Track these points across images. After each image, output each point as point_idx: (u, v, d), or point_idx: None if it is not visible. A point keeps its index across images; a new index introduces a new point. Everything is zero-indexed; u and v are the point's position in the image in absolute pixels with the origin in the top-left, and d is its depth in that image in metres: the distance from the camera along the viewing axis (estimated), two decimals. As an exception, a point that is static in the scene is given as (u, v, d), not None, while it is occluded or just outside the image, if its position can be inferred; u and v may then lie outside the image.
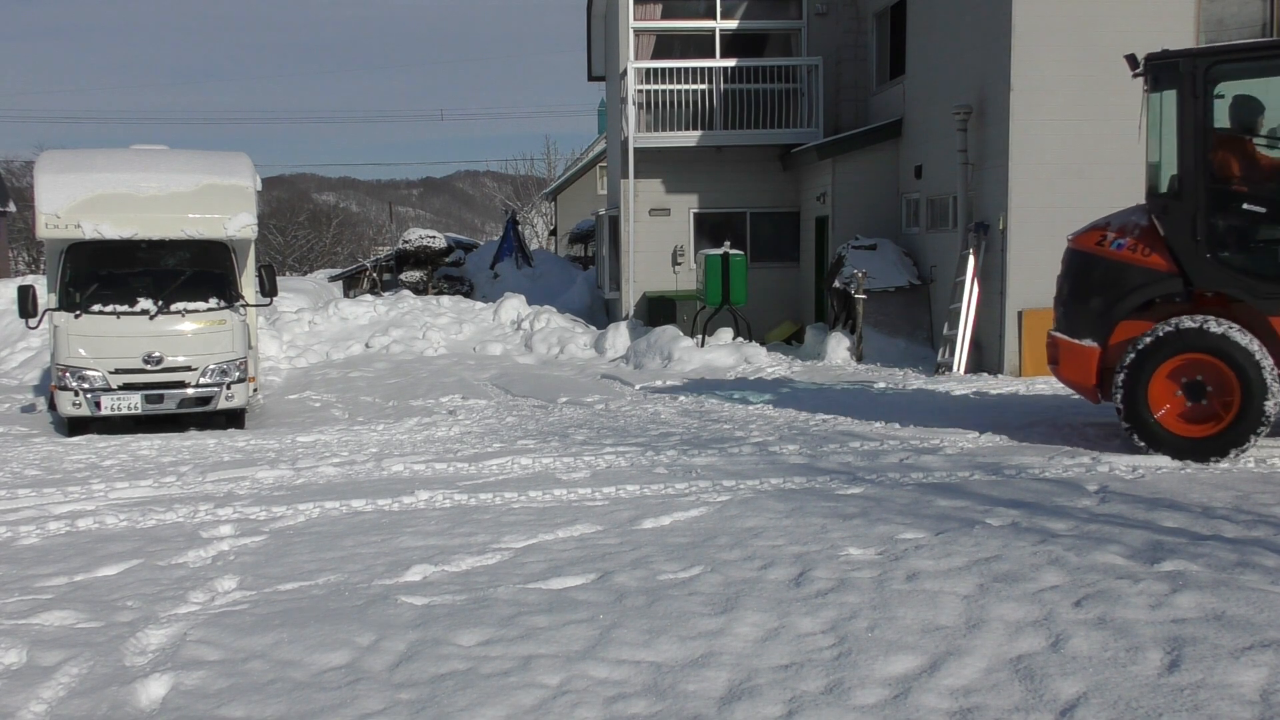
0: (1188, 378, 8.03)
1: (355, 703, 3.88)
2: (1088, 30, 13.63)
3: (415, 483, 7.83)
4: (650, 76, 19.02)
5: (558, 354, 17.70)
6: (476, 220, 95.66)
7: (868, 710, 3.71)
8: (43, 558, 5.96)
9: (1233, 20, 14.07)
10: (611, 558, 5.58)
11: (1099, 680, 3.86)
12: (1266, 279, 7.87)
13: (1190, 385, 8.03)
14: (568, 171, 47.00)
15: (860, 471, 7.74)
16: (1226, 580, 4.82)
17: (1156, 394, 8.04)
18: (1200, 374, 7.98)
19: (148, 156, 12.65)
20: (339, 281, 32.37)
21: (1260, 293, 7.88)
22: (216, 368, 11.79)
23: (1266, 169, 8.17)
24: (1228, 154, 8.20)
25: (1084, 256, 8.68)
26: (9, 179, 42.31)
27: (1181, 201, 8.13)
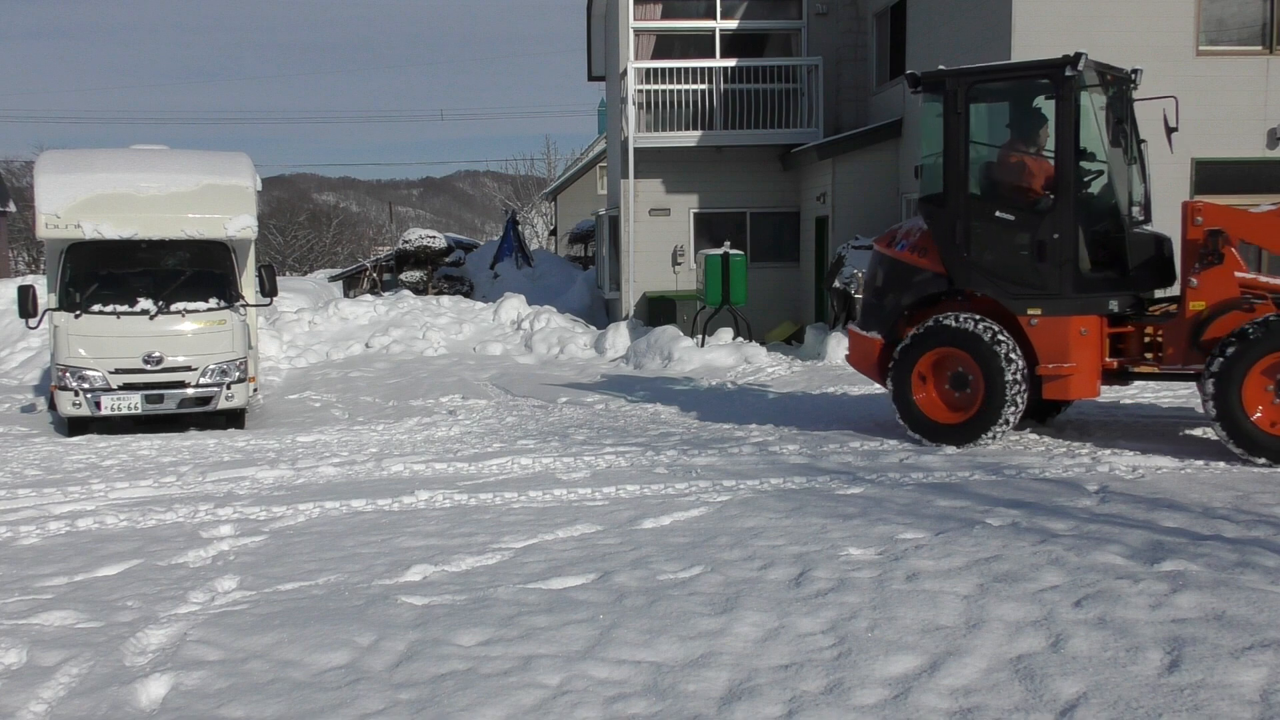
0: (950, 370, 8.82)
1: (355, 703, 3.88)
2: (1088, 30, 13.62)
3: (415, 483, 7.83)
4: (650, 76, 19.02)
5: (558, 354, 17.70)
6: (476, 220, 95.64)
7: (868, 710, 3.71)
8: (43, 558, 5.96)
9: (1233, 20, 14.07)
10: (611, 558, 5.58)
11: (1099, 680, 3.86)
12: (1014, 281, 8.61)
13: (956, 376, 8.81)
14: (568, 171, 47.01)
15: (860, 471, 7.74)
16: (1226, 580, 4.82)
17: (920, 383, 8.84)
18: (960, 366, 8.74)
19: (148, 156, 12.65)
20: (339, 281, 32.39)
21: (1010, 293, 8.62)
22: (216, 368, 11.79)
23: (1017, 180, 8.88)
24: (984, 164, 9.03)
25: (878, 257, 9.52)
26: (9, 179, 42.32)
27: (945, 207, 8.88)
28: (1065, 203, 8.40)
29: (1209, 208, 8.26)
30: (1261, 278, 8.25)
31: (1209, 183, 14.01)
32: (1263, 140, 14.02)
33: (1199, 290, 8.13)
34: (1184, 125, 13.74)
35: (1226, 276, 8.07)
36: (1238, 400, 7.67)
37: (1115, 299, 8.52)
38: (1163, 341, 8.45)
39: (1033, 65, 8.88)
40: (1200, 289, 8.13)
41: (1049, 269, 8.46)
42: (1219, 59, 13.88)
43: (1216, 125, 13.88)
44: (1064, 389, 8.54)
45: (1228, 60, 13.90)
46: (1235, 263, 8.15)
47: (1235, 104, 13.89)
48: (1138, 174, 9.09)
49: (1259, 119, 13.97)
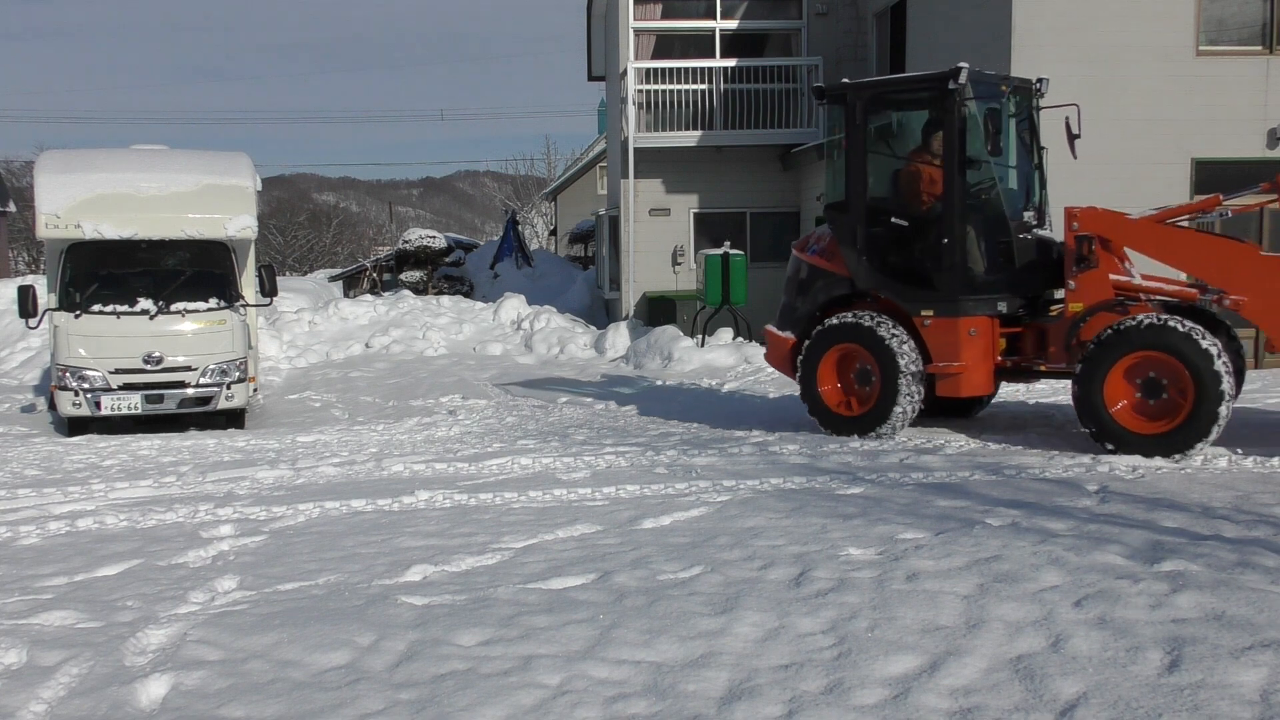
0: (854, 366, 9.38)
1: (355, 703, 3.88)
2: (1088, 30, 13.63)
3: (415, 483, 7.83)
4: (650, 76, 19.02)
5: (558, 354, 17.70)
6: (476, 220, 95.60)
7: (868, 710, 3.71)
8: (43, 558, 5.96)
9: (1233, 20, 14.07)
10: (611, 558, 5.58)
11: (1099, 680, 3.86)
12: (908, 283, 9.13)
13: (860, 372, 9.35)
14: (568, 171, 47.00)
15: (860, 471, 7.74)
16: (1226, 580, 4.82)
17: (824, 378, 9.43)
18: (862, 363, 9.26)
19: (148, 156, 12.65)
20: (339, 281, 32.39)
21: (905, 295, 9.14)
22: (216, 368, 11.79)
23: (910, 188, 9.31)
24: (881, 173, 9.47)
25: (794, 261, 10.05)
26: (9, 179, 42.30)
27: (846, 214, 9.42)
28: (952, 209, 8.86)
29: (1085, 213, 8.66)
30: (1135, 279, 8.62)
31: (1209, 183, 13.99)
32: (1263, 140, 14.02)
33: (1076, 292, 8.60)
34: (1184, 125, 13.84)
35: (1101, 279, 8.50)
36: (1100, 399, 8.07)
37: (1004, 301, 8.96)
38: (1049, 341, 8.93)
39: (920, 78, 9.41)
40: (1078, 291, 8.58)
41: (939, 272, 8.95)
42: (1219, 59, 13.87)
43: (1216, 125, 13.89)
44: (955, 386, 8.99)
45: (1228, 60, 13.90)
46: (1111, 265, 8.56)
47: (1235, 104, 13.88)
48: (1037, 180, 9.54)
49: (1259, 119, 13.97)
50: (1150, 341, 7.92)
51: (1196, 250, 8.42)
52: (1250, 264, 8.13)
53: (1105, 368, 8.06)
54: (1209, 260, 8.35)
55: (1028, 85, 9.52)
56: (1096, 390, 8.10)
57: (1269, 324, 8.19)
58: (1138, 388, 8.12)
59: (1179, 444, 7.84)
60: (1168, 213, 8.76)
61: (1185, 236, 8.54)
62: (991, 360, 9.00)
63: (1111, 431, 8.08)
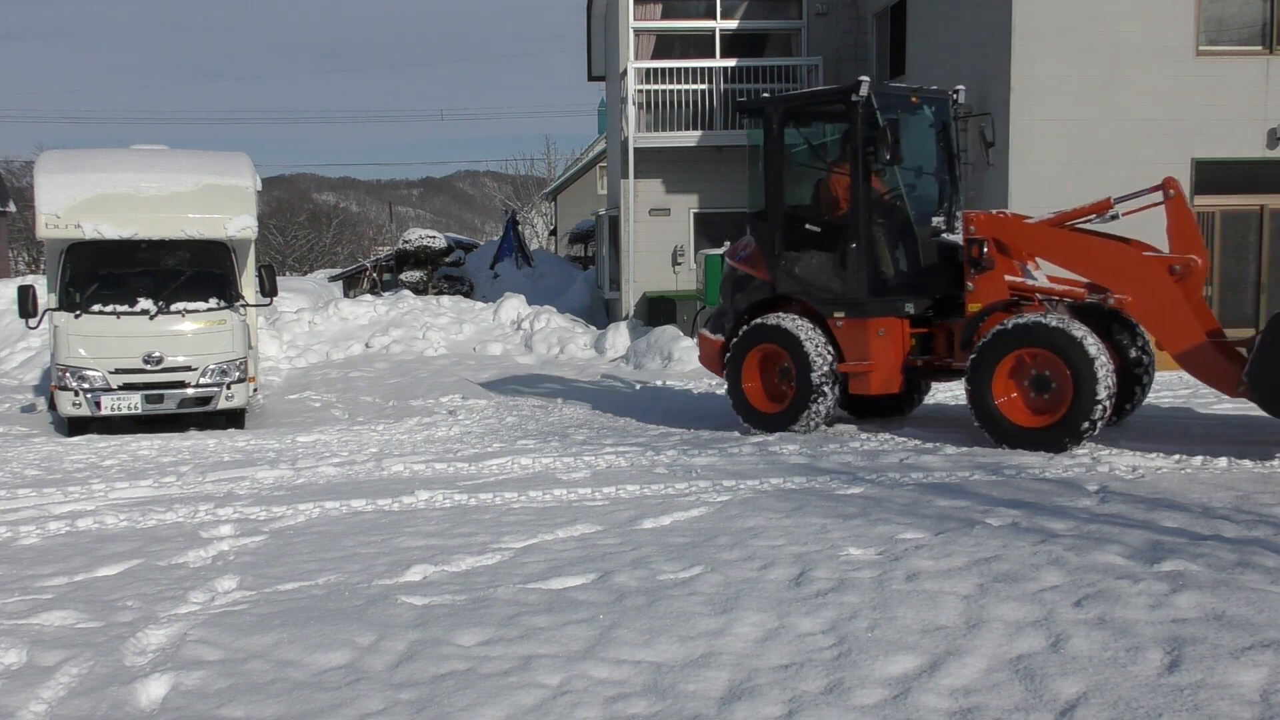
0: (772, 366, 9.81)
1: (355, 703, 3.88)
2: (1088, 30, 13.63)
3: (415, 483, 7.83)
4: (650, 76, 19.02)
5: (558, 354, 17.70)
6: (476, 220, 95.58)
7: (868, 710, 3.71)
8: (43, 558, 5.96)
9: (1233, 20, 14.07)
10: (611, 558, 5.58)
11: (1099, 680, 3.86)
12: (822, 287, 9.58)
13: (782, 371, 9.73)
14: (568, 171, 46.99)
15: (860, 471, 7.74)
16: (1226, 580, 4.82)
17: (748, 376, 9.86)
18: (782, 362, 9.66)
19: (148, 156, 12.65)
20: (339, 281, 32.38)
21: (818, 298, 9.59)
22: (216, 368, 11.79)
23: (822, 196, 9.83)
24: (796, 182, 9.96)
25: (725, 266, 10.53)
26: (9, 179, 42.30)
27: (766, 221, 9.85)
28: (858, 216, 9.27)
29: (980, 217, 9.02)
30: (1029, 280, 8.94)
31: (1209, 183, 14.02)
32: (1263, 140, 14.02)
33: (974, 293, 8.98)
34: (1184, 125, 13.84)
35: (997, 280, 8.87)
36: (988, 396, 8.48)
37: (911, 302, 9.36)
38: (956, 341, 9.28)
39: (827, 92, 9.98)
40: (975, 292, 8.96)
41: (848, 276, 9.39)
42: (1219, 59, 13.88)
43: (1216, 125, 13.89)
44: (865, 384, 9.43)
45: (1228, 60, 13.90)
46: (1007, 267, 8.90)
47: (1235, 104, 13.89)
48: (950, 186, 9.97)
49: (1259, 119, 13.97)
50: (1029, 339, 8.29)
51: (1085, 252, 8.75)
52: (1132, 264, 8.47)
53: (991, 365, 8.46)
54: (1096, 261, 8.68)
55: (944, 96, 9.95)
56: (985, 387, 8.49)
57: (1149, 322, 8.54)
58: (1024, 384, 8.49)
59: (1062, 437, 8.17)
60: (1063, 216, 9.03)
61: (1074, 239, 8.83)
62: (900, 359, 9.39)
63: (1000, 427, 8.48)
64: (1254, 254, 14.34)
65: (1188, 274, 8.29)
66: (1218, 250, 14.23)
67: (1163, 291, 8.30)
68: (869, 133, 9.10)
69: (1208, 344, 8.20)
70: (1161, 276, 8.32)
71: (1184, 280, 8.31)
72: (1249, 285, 14.34)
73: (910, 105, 9.72)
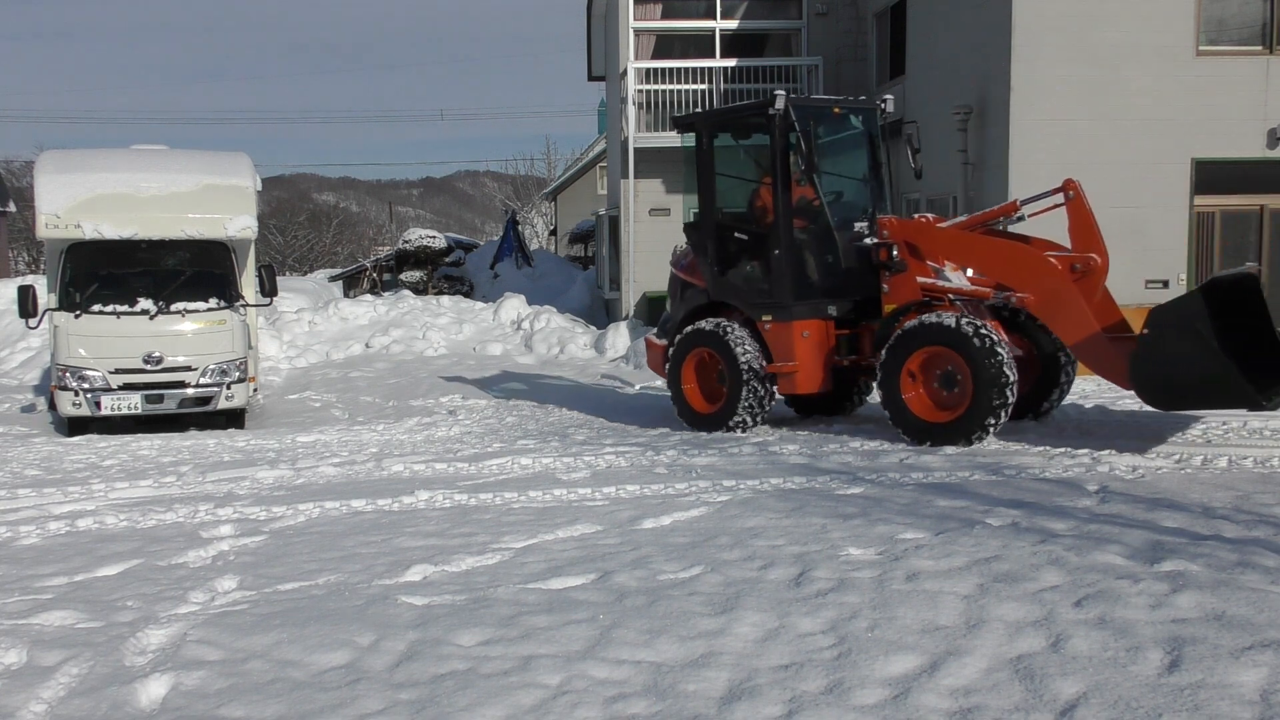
0: (709, 369, 10.23)
1: (355, 703, 3.88)
2: (1088, 30, 13.63)
3: (415, 483, 7.83)
4: (650, 76, 19.02)
5: (558, 354, 17.70)
6: (476, 220, 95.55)
7: (868, 710, 3.71)
8: (43, 558, 5.96)
9: (1233, 20, 14.07)
10: (611, 558, 5.58)
11: (1099, 680, 3.86)
12: (750, 291, 10.06)
13: (719, 373, 10.11)
14: (568, 171, 46.98)
15: (860, 471, 7.74)
16: (1226, 580, 4.82)
17: (687, 379, 10.32)
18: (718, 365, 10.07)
19: (148, 156, 12.65)
20: (339, 281, 32.37)
21: (748, 302, 10.03)
22: (216, 368, 11.79)
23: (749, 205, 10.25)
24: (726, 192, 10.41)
25: (671, 274, 10.93)
26: (9, 179, 42.30)
27: (699, 230, 10.35)
28: (780, 223, 9.72)
29: (892, 222, 9.40)
30: (940, 282, 9.20)
31: (1209, 183, 14.02)
32: (1263, 140, 14.02)
33: (890, 294, 9.34)
34: (1184, 125, 13.84)
35: (909, 281, 9.21)
36: (897, 392, 8.91)
37: (834, 304, 9.78)
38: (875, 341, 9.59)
39: (748, 106, 10.43)
40: (890, 293, 9.32)
41: (772, 281, 9.83)
42: (1219, 59, 13.87)
43: (1216, 125, 13.89)
44: (792, 384, 9.85)
45: (1228, 60, 13.90)
46: (919, 269, 9.23)
47: (1235, 104, 13.89)
48: (877, 193, 10.39)
49: (1259, 119, 13.97)
50: (930, 338, 8.74)
51: (989, 253, 9.14)
52: (1030, 263, 8.82)
53: (898, 364, 8.89)
54: (999, 262, 9.06)
55: (871, 106, 10.39)
56: (894, 385, 8.93)
57: (1048, 318, 8.83)
58: (931, 380, 8.91)
59: (964, 431, 8.59)
60: (974, 219, 9.48)
61: (979, 241, 9.21)
62: (824, 359, 9.80)
63: (909, 422, 8.90)
64: (1254, 254, 14.33)
65: (1088, 272, 8.63)
66: (1218, 250, 14.23)
67: (1059, 289, 8.61)
68: (786, 144, 9.57)
69: (1102, 338, 8.49)
70: (1057, 275, 8.63)
71: (1085, 278, 8.64)
72: (1249, 285, 14.34)
73: (833, 116, 10.31)
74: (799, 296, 9.73)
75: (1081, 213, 8.81)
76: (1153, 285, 13.97)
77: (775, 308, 9.80)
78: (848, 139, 10.50)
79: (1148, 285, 13.97)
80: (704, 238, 10.30)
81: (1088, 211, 8.81)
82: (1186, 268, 14.02)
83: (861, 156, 10.46)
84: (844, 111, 10.30)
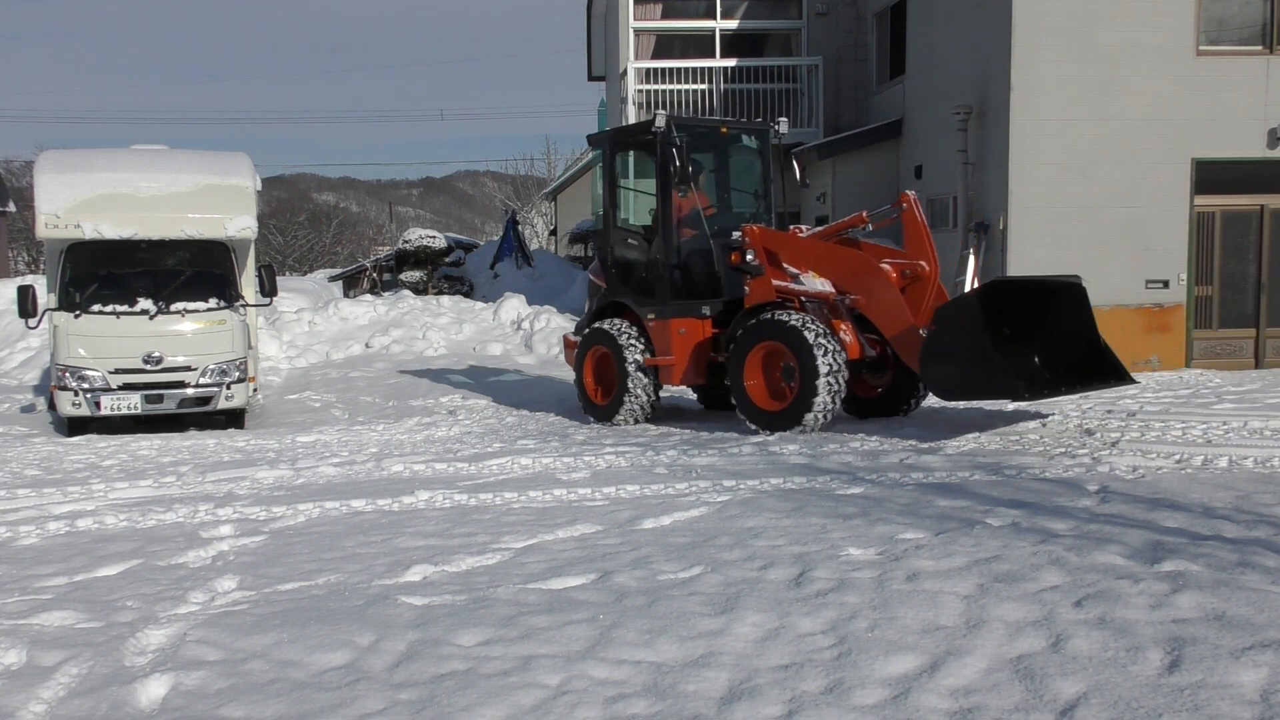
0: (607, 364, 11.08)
1: (355, 703, 3.87)
2: (1088, 30, 13.63)
3: (415, 483, 7.83)
4: (650, 76, 19.01)
5: (558, 354, 17.68)
6: (476, 220, 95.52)
7: (868, 710, 3.71)
8: (43, 558, 5.96)
9: (1233, 20, 14.07)
10: (611, 558, 5.58)
11: (1099, 680, 3.86)
12: (638, 292, 11.03)
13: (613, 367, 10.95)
14: (568, 171, 46.91)
15: (860, 471, 7.74)
16: (1227, 580, 4.82)
17: (588, 373, 11.30)
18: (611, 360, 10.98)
19: (148, 156, 12.65)
20: (339, 281, 32.35)
21: (637, 302, 11.00)
22: (216, 368, 11.79)
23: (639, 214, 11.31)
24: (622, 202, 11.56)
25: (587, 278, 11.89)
26: (9, 179, 42.28)
27: (600, 235, 11.55)
28: (661, 231, 10.72)
29: (754, 231, 10.19)
30: (792, 285, 10.02)
31: (1209, 183, 14.01)
32: (1263, 140, 14.02)
33: (750, 295, 10.12)
34: (1184, 125, 13.84)
35: (766, 284, 10.01)
36: (740, 382, 9.83)
37: (709, 305, 10.61)
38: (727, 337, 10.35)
39: (638, 125, 11.31)
40: (751, 294, 10.11)
41: (654, 283, 10.83)
42: (1219, 59, 13.87)
43: (1216, 125, 13.88)
44: (670, 377, 10.79)
45: (1228, 60, 13.90)
46: (775, 273, 10.05)
47: (1235, 104, 13.88)
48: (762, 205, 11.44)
49: (1259, 119, 13.97)
50: (766, 334, 9.68)
51: (831, 260, 9.97)
52: (861, 269, 9.66)
53: (742, 357, 9.85)
54: (838, 268, 9.93)
55: (763, 128, 11.46)
56: (739, 374, 9.87)
57: (874, 316, 9.66)
58: (772, 372, 9.84)
59: (792, 419, 9.52)
60: (827, 230, 10.35)
61: (822, 249, 10.06)
62: (698, 355, 10.60)
63: (751, 410, 9.88)
64: (1254, 254, 14.33)
65: (917, 278, 9.51)
66: (1218, 250, 14.23)
67: (883, 291, 9.48)
68: (666, 159, 10.42)
69: (914, 333, 9.30)
70: (882, 279, 9.46)
71: (915, 283, 9.51)
72: (1249, 285, 14.34)
73: (721, 136, 11.34)
74: (675, 296, 10.71)
75: (913, 224, 9.61)
76: (1153, 285, 13.97)
77: (657, 307, 10.77)
78: (737, 156, 11.61)
79: (1148, 285, 13.97)
80: (605, 244, 11.44)
81: (918, 223, 9.59)
82: (1187, 268, 14.02)
83: (750, 172, 11.57)
84: (734, 132, 11.42)
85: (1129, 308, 13.91)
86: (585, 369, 11.31)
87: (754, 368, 9.85)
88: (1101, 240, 13.80)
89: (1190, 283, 14.08)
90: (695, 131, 11.13)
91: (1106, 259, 13.80)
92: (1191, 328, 14.18)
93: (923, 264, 9.48)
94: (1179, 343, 14.04)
